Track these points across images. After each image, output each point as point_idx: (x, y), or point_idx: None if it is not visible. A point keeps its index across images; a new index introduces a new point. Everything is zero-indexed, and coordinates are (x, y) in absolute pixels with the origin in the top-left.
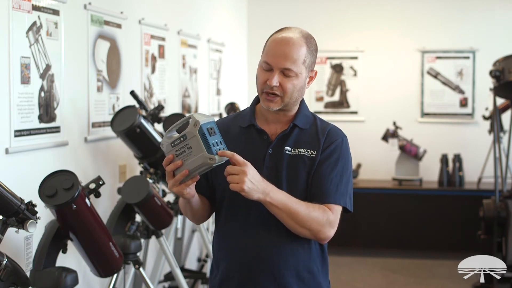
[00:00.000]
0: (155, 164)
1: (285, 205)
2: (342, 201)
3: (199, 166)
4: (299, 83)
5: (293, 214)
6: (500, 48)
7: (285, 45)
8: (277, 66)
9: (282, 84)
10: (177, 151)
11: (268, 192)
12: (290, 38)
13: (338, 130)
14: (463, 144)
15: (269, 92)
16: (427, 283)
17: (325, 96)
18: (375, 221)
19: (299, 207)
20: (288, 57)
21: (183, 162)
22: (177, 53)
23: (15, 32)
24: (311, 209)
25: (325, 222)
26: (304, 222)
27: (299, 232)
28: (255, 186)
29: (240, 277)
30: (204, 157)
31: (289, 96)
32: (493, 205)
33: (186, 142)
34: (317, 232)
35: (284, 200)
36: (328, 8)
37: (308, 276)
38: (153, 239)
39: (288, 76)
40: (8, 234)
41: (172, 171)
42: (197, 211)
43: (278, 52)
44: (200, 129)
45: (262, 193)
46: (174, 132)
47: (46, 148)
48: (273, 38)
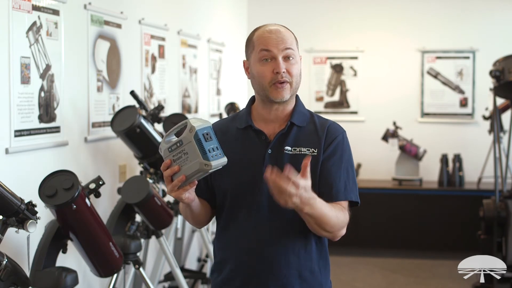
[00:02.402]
0: (155, 164)
1: (319, 215)
2: (353, 196)
3: (195, 172)
4: (299, 67)
5: (323, 223)
6: (500, 48)
7: (277, 33)
8: (280, 49)
9: (288, 69)
10: (174, 156)
11: (312, 204)
12: (278, 27)
13: (337, 125)
14: (463, 144)
15: (280, 80)
16: (427, 283)
17: (325, 96)
18: (375, 221)
19: (330, 216)
20: (285, 39)
21: (180, 168)
22: (177, 53)
23: (15, 32)
24: (337, 214)
25: (345, 223)
26: (332, 227)
27: (319, 233)
28: (304, 197)
29: (242, 278)
30: (200, 163)
31: (295, 80)
32: (493, 205)
33: (182, 147)
34: (338, 232)
35: (318, 210)
36: (328, 8)
37: (310, 276)
38: (153, 239)
39: (292, 57)
40: (8, 234)
41: (170, 176)
42: (198, 215)
43: (274, 38)
44: (196, 135)
45: (305, 203)
46: (172, 136)
47: (46, 148)
48: (260, 32)
